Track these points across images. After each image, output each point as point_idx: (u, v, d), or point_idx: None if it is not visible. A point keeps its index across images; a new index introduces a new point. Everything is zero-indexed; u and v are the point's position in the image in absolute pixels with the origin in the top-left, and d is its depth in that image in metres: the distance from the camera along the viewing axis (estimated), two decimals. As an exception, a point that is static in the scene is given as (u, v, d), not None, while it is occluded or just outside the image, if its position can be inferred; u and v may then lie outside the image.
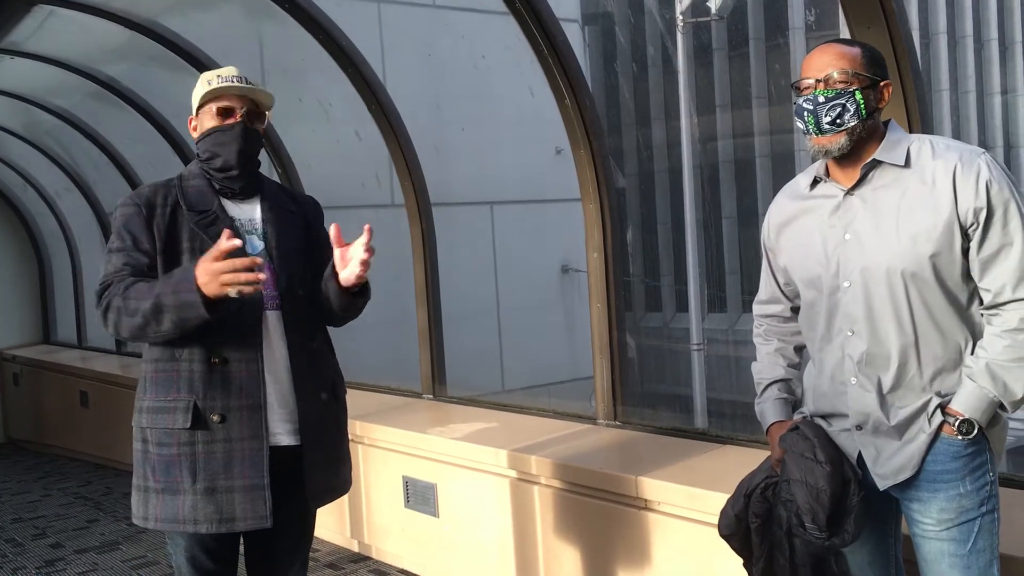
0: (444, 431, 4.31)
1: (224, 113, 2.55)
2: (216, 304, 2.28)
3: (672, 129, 19.79)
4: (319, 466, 2.57)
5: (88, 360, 8.52)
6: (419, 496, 4.35)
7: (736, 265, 22.29)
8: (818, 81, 2.11)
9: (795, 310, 2.38)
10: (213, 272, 2.23)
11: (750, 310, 2.54)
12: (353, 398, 2.83)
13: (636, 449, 3.76)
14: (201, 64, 5.54)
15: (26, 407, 9.34)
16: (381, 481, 4.59)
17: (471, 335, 9.81)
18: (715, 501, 3.03)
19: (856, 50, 2.15)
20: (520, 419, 4.41)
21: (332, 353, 2.76)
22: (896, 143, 2.12)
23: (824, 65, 2.12)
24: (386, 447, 4.53)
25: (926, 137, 2.15)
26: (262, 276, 2.26)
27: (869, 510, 2.15)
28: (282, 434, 2.51)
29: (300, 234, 2.66)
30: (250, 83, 2.59)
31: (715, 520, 3.03)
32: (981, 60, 25.64)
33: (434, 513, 4.27)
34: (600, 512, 3.47)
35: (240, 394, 2.45)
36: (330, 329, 2.75)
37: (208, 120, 2.57)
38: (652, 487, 3.24)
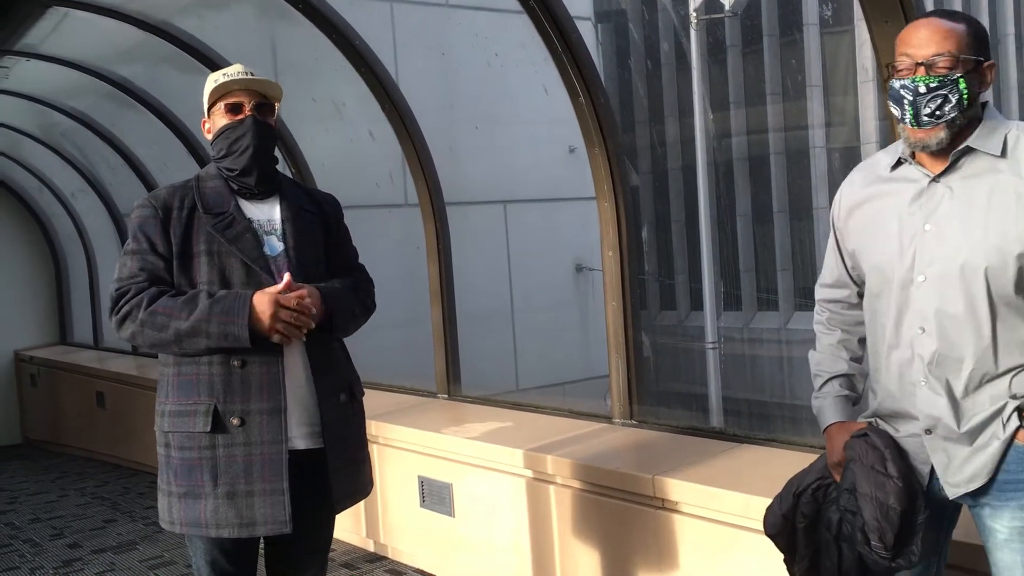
0: (459, 431, 4.30)
1: (234, 109, 2.55)
2: (259, 338, 2.37)
3: (686, 126, 19.69)
4: (341, 470, 2.56)
5: (104, 361, 8.56)
6: (435, 496, 4.35)
7: (751, 263, 22.16)
8: (919, 65, 1.91)
9: (862, 296, 2.21)
10: (272, 313, 2.35)
11: (766, 308, 2.46)
12: (368, 398, 2.83)
13: (652, 448, 3.74)
14: (215, 65, 5.55)
15: (43, 408, 9.40)
16: (397, 481, 4.58)
17: (485, 334, 9.80)
18: (732, 500, 3.01)
19: (962, 27, 1.93)
20: (535, 418, 4.40)
21: (347, 354, 2.75)
22: (993, 130, 1.95)
23: (928, 45, 1.91)
24: (401, 447, 4.52)
25: None
26: (311, 324, 2.40)
27: (929, 523, 2.03)
28: (298, 438, 2.50)
29: (318, 234, 2.66)
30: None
31: (732, 519, 3.02)
32: (998, 55, 25.44)
33: (450, 513, 4.27)
34: (617, 512, 3.46)
35: (260, 397, 2.44)
36: None
37: (220, 118, 2.58)
38: (669, 486, 3.22)
